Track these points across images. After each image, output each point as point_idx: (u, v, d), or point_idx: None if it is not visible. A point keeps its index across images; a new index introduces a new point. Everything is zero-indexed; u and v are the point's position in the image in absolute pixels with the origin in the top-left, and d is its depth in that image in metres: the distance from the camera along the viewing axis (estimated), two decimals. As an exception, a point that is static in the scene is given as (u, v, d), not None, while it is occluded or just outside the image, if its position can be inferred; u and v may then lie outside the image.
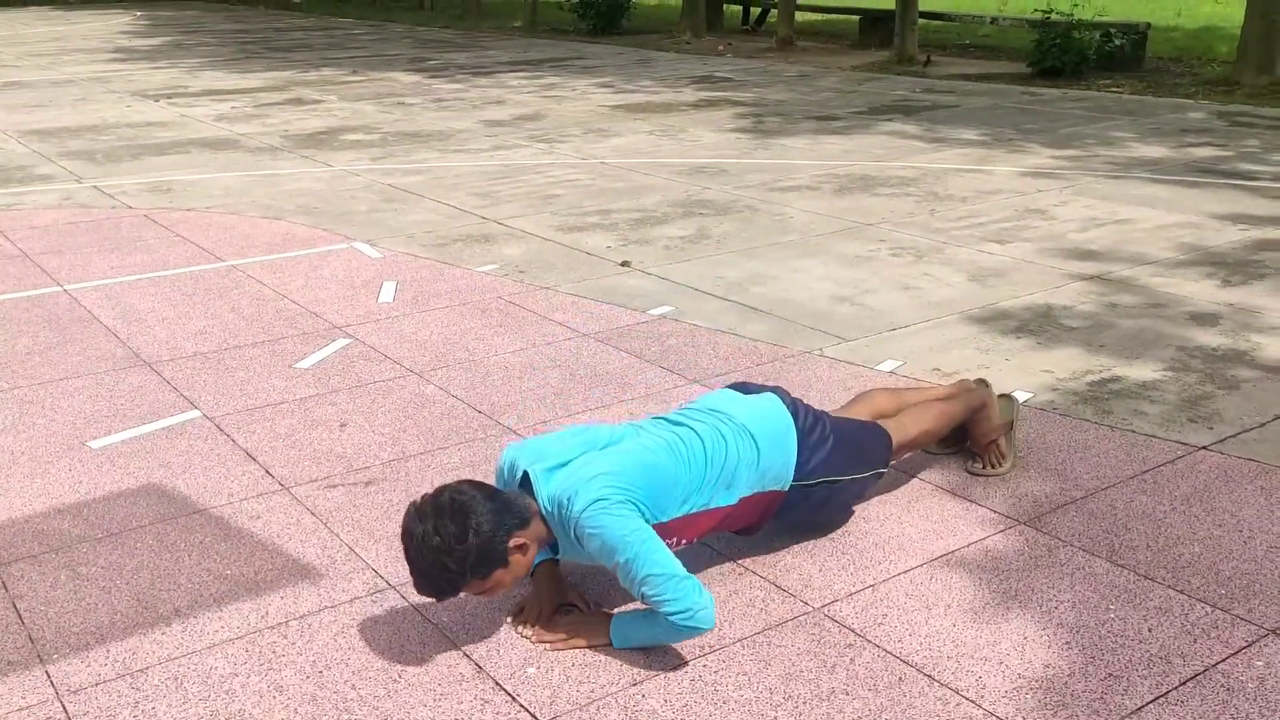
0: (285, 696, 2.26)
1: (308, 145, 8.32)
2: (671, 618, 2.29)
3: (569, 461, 2.43)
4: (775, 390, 2.79)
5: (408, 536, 2.27)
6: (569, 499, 2.34)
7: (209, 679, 2.32)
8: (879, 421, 2.94)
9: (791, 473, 2.65)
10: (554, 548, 2.48)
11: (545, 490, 2.39)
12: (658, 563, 2.29)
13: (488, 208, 6.31)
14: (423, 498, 2.31)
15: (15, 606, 2.57)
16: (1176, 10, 18.60)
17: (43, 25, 20.40)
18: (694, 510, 2.49)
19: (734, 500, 2.56)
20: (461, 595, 2.38)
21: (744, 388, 2.81)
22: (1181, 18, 17.59)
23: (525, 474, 2.43)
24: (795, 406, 2.75)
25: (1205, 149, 7.81)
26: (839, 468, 2.73)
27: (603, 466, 2.39)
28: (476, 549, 2.24)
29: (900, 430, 2.93)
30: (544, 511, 2.38)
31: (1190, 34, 15.38)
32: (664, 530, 2.41)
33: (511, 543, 2.30)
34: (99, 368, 4.01)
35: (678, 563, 2.32)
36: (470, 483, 2.35)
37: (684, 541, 2.52)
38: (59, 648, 2.42)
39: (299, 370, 3.97)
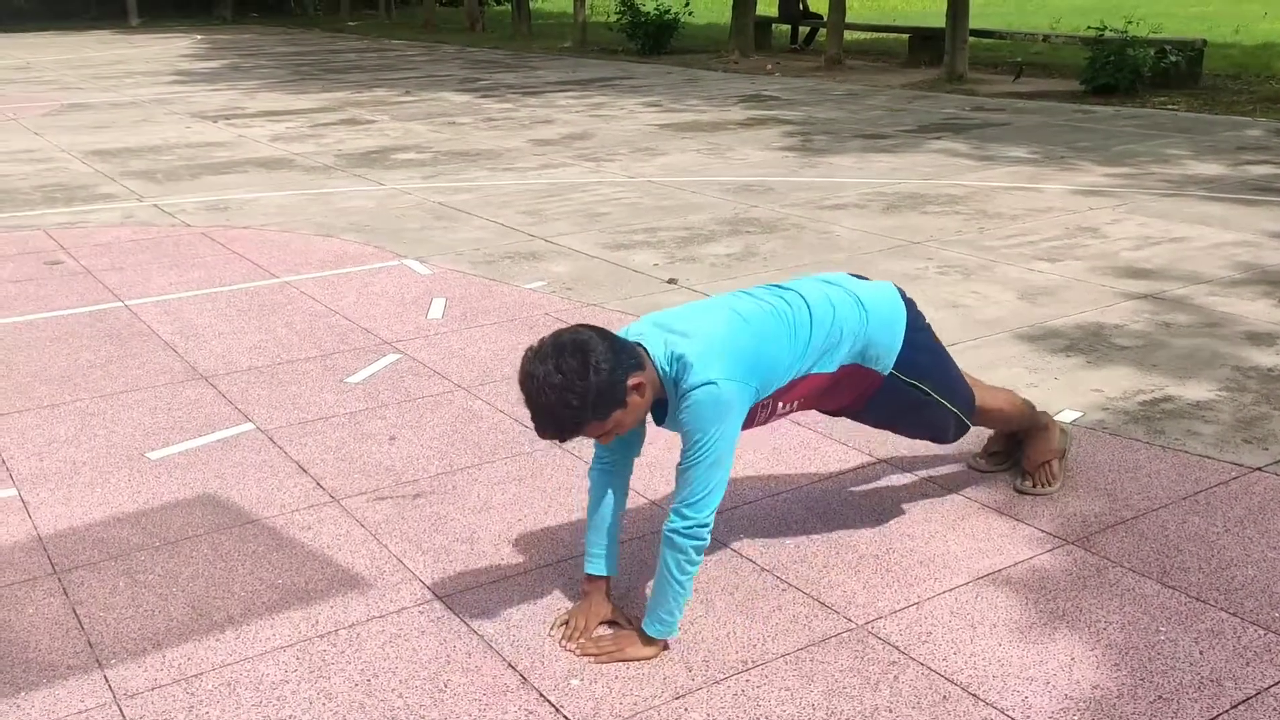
0: (334, 704, 2.30)
1: (360, 164, 8.46)
2: (677, 534, 2.33)
3: (691, 330, 2.41)
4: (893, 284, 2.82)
5: (528, 379, 2.27)
6: (688, 366, 2.34)
7: (260, 685, 2.37)
8: None
9: (894, 358, 2.66)
10: (660, 403, 2.44)
11: (666, 349, 2.38)
12: (716, 471, 2.33)
13: (536, 225, 6.38)
14: (540, 341, 2.31)
15: (75, 612, 2.64)
16: (1234, 27, 18.32)
17: (106, 49, 20.96)
18: (797, 375, 2.52)
19: (834, 368, 2.58)
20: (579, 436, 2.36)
21: (860, 277, 2.83)
22: (1239, 34, 17.32)
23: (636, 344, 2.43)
24: (910, 303, 2.77)
25: (1263, 167, 7.69)
26: (935, 379, 2.75)
27: (724, 344, 2.38)
28: (597, 386, 2.23)
29: (980, 395, 2.94)
30: (660, 370, 2.37)
31: (1248, 51, 15.14)
32: (767, 396, 2.47)
33: (630, 382, 2.29)
34: (158, 381, 4.11)
35: (723, 488, 2.36)
36: (587, 326, 2.35)
37: (784, 405, 2.55)
38: (117, 653, 2.49)
39: (350, 385, 4.04)
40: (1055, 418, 3.25)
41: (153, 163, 8.69)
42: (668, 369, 2.37)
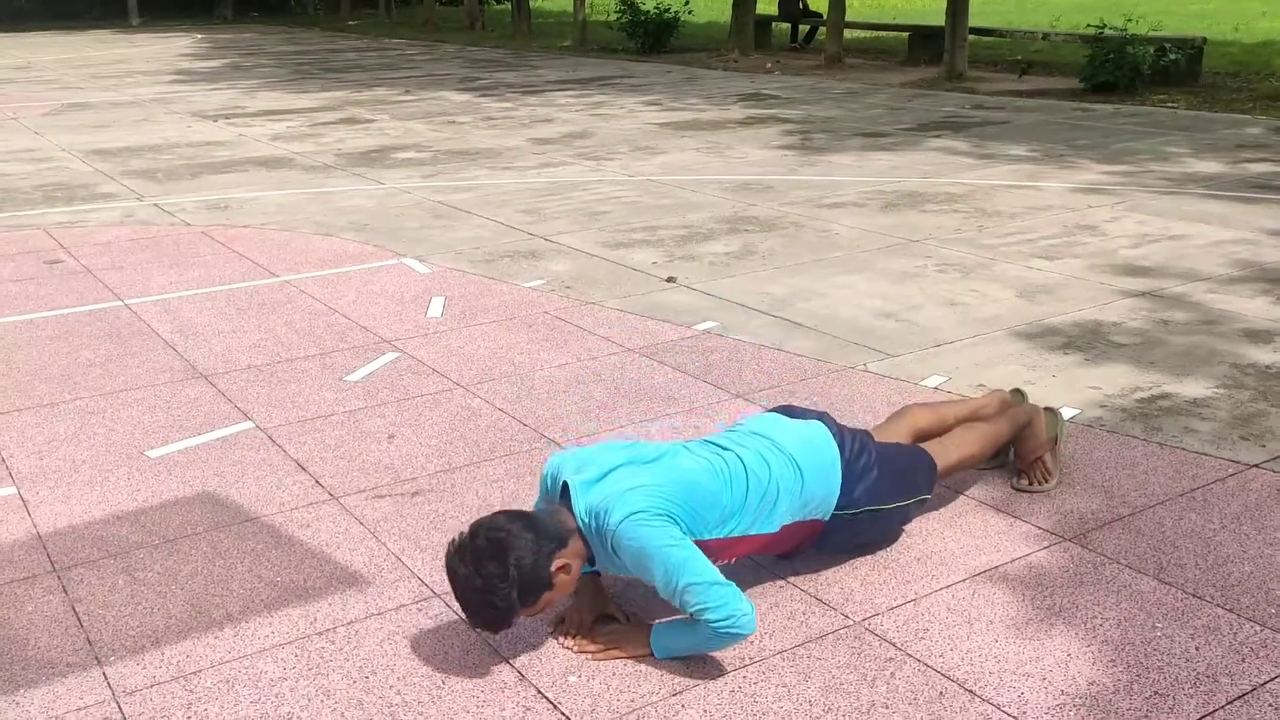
0: (333, 701, 2.31)
1: (360, 163, 8.47)
2: (714, 625, 2.30)
3: (609, 473, 2.45)
4: (822, 417, 2.78)
5: (452, 577, 2.33)
6: (606, 511, 2.36)
7: (259, 682, 2.37)
8: (923, 445, 2.93)
9: (834, 503, 2.65)
10: (592, 560, 2.50)
11: (583, 502, 2.41)
12: (698, 571, 2.31)
13: (535, 224, 6.38)
14: (460, 539, 2.33)
15: (74, 610, 2.65)
16: (1234, 25, 18.32)
17: (107, 49, 20.97)
18: (733, 534, 2.50)
19: (775, 528, 2.57)
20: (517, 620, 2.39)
21: (790, 411, 2.80)
22: (1239, 32, 17.31)
23: (565, 484, 2.47)
24: (842, 436, 2.73)
25: (1262, 164, 7.69)
26: (882, 496, 2.72)
27: (643, 479, 2.41)
28: (520, 583, 2.28)
29: (944, 455, 2.90)
30: (581, 524, 2.41)
31: (1248, 49, 15.13)
32: (703, 549, 2.41)
33: (554, 566, 2.33)
34: (157, 379, 4.12)
35: (717, 571, 2.34)
36: (505, 514, 2.37)
37: (722, 563, 2.53)
38: (116, 650, 2.49)
39: (349, 383, 4.05)
40: (1039, 406, 3.22)
41: (153, 162, 8.70)
42: (586, 520, 2.39)
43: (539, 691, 2.33)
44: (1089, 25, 12.62)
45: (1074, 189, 7.03)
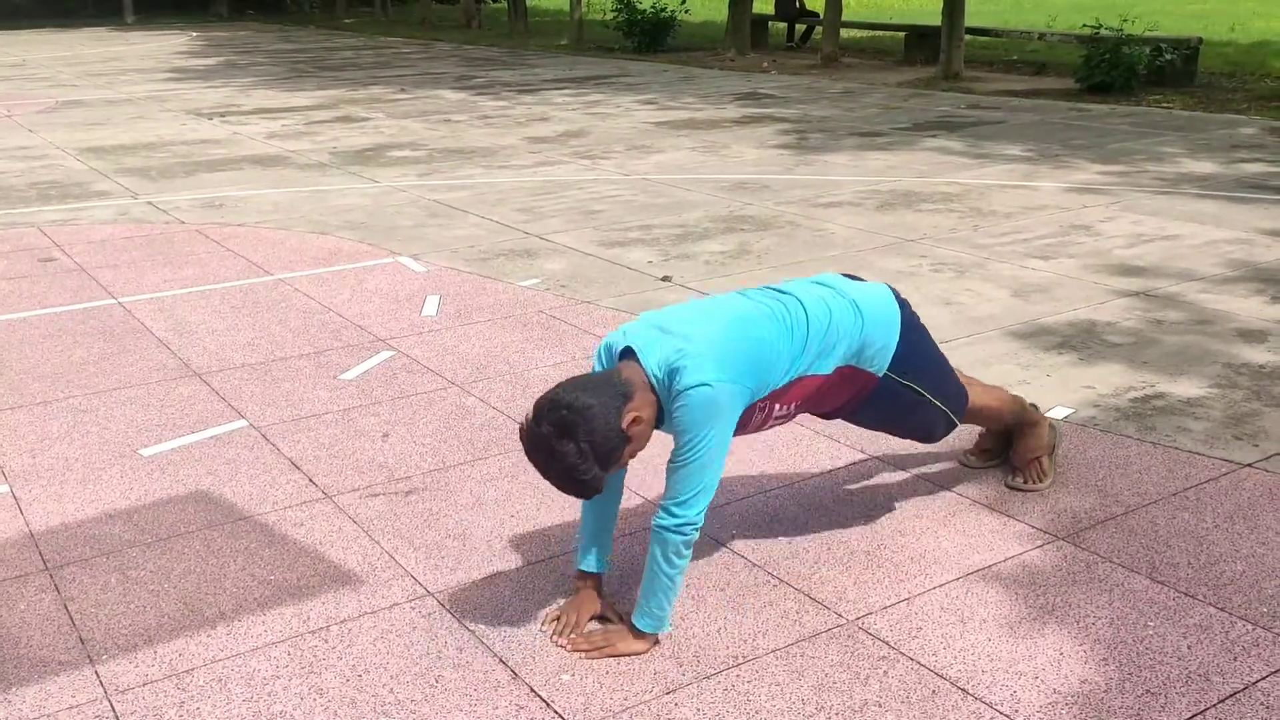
0: (325, 699, 2.31)
1: (355, 162, 8.46)
2: (666, 530, 2.35)
3: (678, 326, 2.41)
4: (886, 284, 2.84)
5: (534, 463, 2.31)
6: (680, 369, 2.34)
7: (252, 681, 2.37)
8: None
9: (889, 359, 2.67)
10: (661, 417, 2.43)
11: (655, 356, 2.37)
12: (706, 473, 2.35)
13: (530, 223, 6.38)
14: (528, 425, 2.29)
15: (67, 608, 2.64)
16: (1230, 25, 18.34)
17: (101, 46, 20.93)
18: (793, 378, 2.53)
19: (829, 370, 2.59)
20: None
21: (853, 277, 2.83)
22: (1235, 33, 17.34)
23: (627, 349, 2.42)
24: (905, 304, 2.78)
25: (1256, 165, 7.70)
26: (928, 382, 2.77)
27: (718, 346, 2.38)
28: (596, 454, 2.25)
29: (971, 393, 2.95)
30: (653, 379, 2.37)
31: (1244, 49, 15.16)
32: (764, 399, 2.47)
33: (625, 422, 2.29)
34: (151, 378, 4.11)
35: (714, 487, 2.38)
36: (563, 387, 2.31)
37: (780, 408, 2.56)
38: (108, 648, 2.49)
39: (343, 381, 4.05)
40: (1046, 414, 3.26)
41: (147, 160, 8.68)
42: (660, 375, 2.37)
43: (532, 690, 2.33)
44: (1085, 25, 12.63)
45: (1069, 189, 7.03)
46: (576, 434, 2.24)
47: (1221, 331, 4.38)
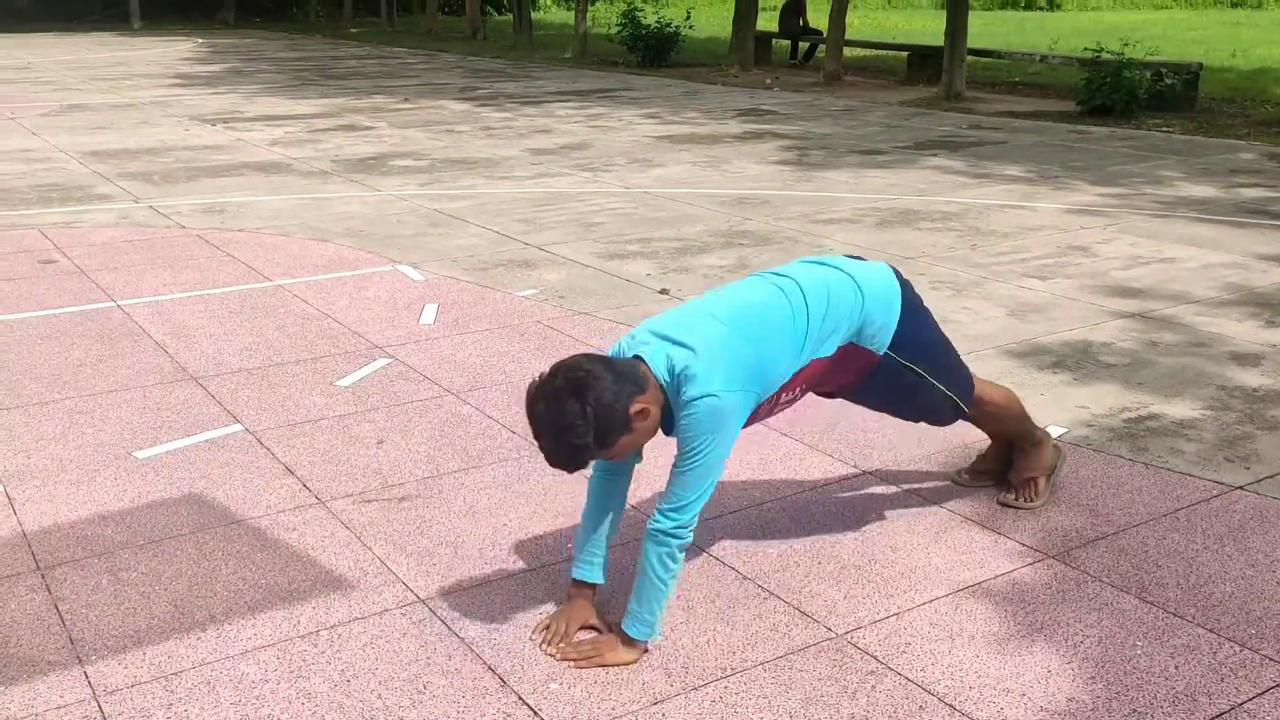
0: (314, 704, 2.31)
1: (357, 170, 8.48)
2: (662, 533, 2.37)
3: (688, 339, 2.42)
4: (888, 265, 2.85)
5: (532, 415, 2.31)
6: (688, 377, 2.36)
7: (240, 684, 2.37)
8: None
9: (889, 337, 2.69)
10: (665, 423, 2.45)
11: (663, 361, 2.39)
12: (703, 480, 2.38)
13: (530, 234, 6.40)
14: (540, 378, 2.33)
15: (57, 608, 2.65)
16: (1231, 51, 18.43)
17: (107, 51, 21.00)
18: (797, 369, 2.56)
19: (832, 350, 2.61)
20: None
21: (856, 258, 2.85)
22: (1237, 58, 17.42)
23: (636, 357, 2.44)
24: (906, 284, 2.80)
25: (1255, 190, 7.74)
26: (929, 363, 2.78)
27: (724, 353, 2.40)
28: (598, 423, 2.26)
29: (980, 384, 2.96)
30: (661, 381, 2.39)
31: (1245, 75, 15.23)
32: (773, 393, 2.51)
33: (633, 409, 2.31)
34: (147, 381, 4.12)
35: (710, 493, 2.41)
36: (586, 356, 2.36)
37: (786, 395, 2.58)
38: (98, 649, 2.49)
39: (339, 388, 4.06)
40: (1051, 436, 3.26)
41: (150, 164, 8.71)
42: (669, 380, 2.39)
43: (520, 698, 2.33)
44: (1086, 49, 12.69)
45: (1067, 210, 7.06)
46: (586, 396, 2.26)
47: (1216, 354, 4.39)
